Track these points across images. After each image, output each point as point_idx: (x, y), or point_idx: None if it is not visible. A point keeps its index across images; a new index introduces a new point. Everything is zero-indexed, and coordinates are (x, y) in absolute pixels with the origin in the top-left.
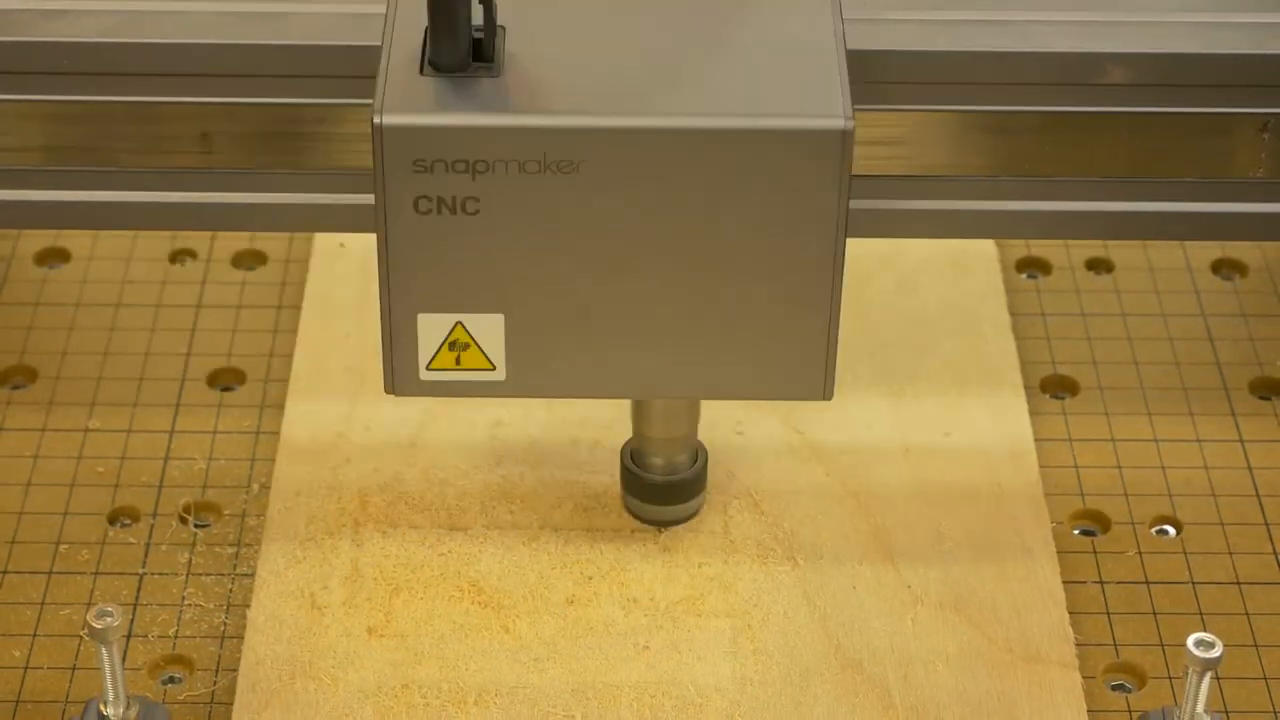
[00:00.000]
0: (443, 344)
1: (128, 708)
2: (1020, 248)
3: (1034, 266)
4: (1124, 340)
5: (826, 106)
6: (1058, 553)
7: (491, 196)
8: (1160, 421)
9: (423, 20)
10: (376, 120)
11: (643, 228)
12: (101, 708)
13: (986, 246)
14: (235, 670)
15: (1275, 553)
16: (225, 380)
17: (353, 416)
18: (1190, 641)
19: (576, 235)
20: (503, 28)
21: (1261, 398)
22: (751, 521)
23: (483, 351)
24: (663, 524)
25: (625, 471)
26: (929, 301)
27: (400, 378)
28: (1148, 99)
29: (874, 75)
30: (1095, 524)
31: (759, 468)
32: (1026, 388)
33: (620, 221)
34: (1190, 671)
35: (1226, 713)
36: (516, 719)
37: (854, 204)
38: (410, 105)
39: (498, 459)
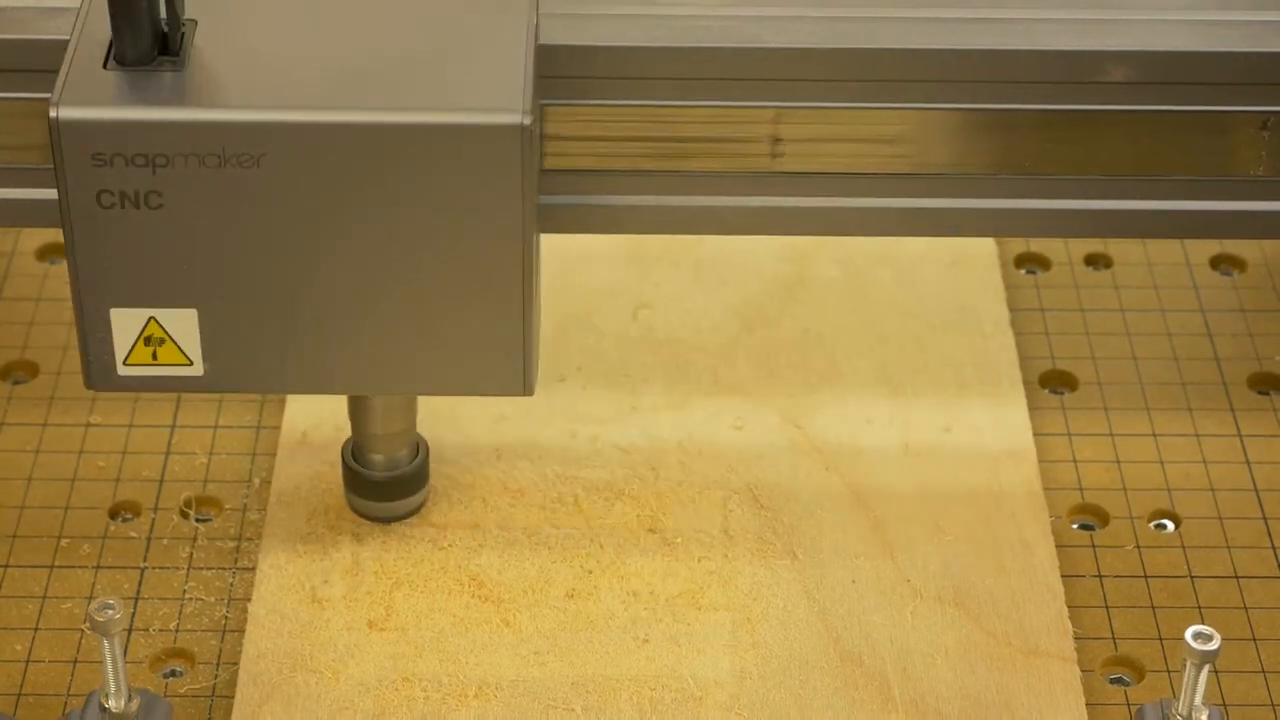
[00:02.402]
0: (138, 339)
1: (129, 700)
2: (1019, 244)
3: (1033, 262)
4: (1123, 336)
5: (507, 101)
6: (1057, 547)
7: (173, 190)
8: (1159, 416)
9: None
10: (53, 114)
11: (329, 222)
12: (103, 700)
13: (985, 243)
14: (236, 664)
15: (1273, 547)
16: None
17: None
18: (1188, 634)
19: (262, 229)
20: (194, 22)
21: (1260, 393)
22: (751, 516)
23: (179, 347)
24: (387, 520)
25: (346, 469)
26: (928, 297)
27: (97, 373)
28: (1147, 97)
29: (874, 74)
30: (1094, 518)
31: (758, 462)
32: (1025, 383)
33: (305, 216)
34: (1188, 664)
35: (1225, 706)
36: (517, 712)
37: (855, 201)
38: (88, 98)
39: (498, 453)
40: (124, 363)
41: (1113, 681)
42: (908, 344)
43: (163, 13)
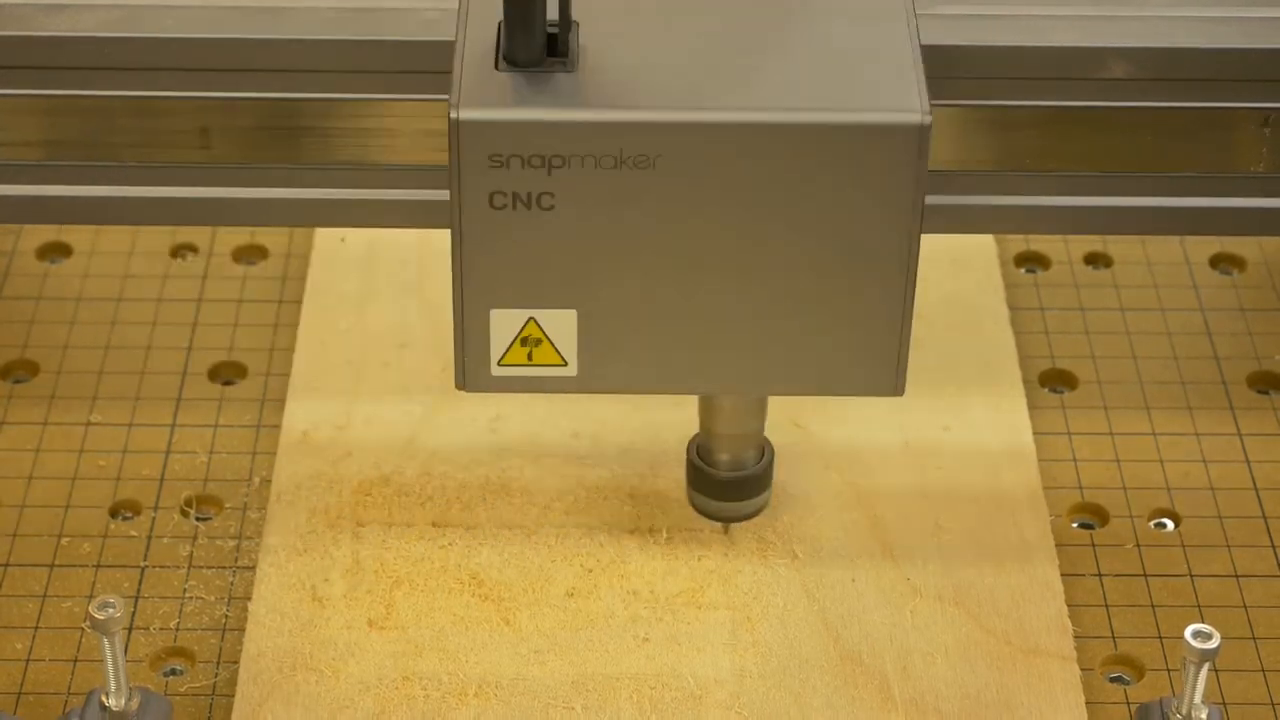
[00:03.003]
0: (515, 339)
1: (129, 699)
2: (1019, 242)
3: (1033, 261)
4: (1122, 335)
5: (903, 101)
6: (1056, 546)
7: (567, 192)
8: (1158, 415)
9: (497, 15)
10: (454, 115)
11: (717, 223)
12: (103, 699)
13: (985, 241)
14: (236, 662)
15: (1273, 546)
16: (226, 374)
17: (353, 410)
18: (1188, 633)
19: (651, 231)
20: (577, 23)
21: (1260, 392)
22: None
23: (555, 347)
24: (728, 520)
25: (691, 467)
26: (928, 296)
27: (472, 374)
28: (1149, 93)
29: None
30: (1094, 517)
31: None
32: (1025, 382)
33: (695, 217)
34: (1188, 663)
35: (1224, 704)
36: (517, 711)
37: None
38: (487, 100)
39: (498, 452)
40: (499, 363)
41: (1112, 680)
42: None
43: (551, 14)
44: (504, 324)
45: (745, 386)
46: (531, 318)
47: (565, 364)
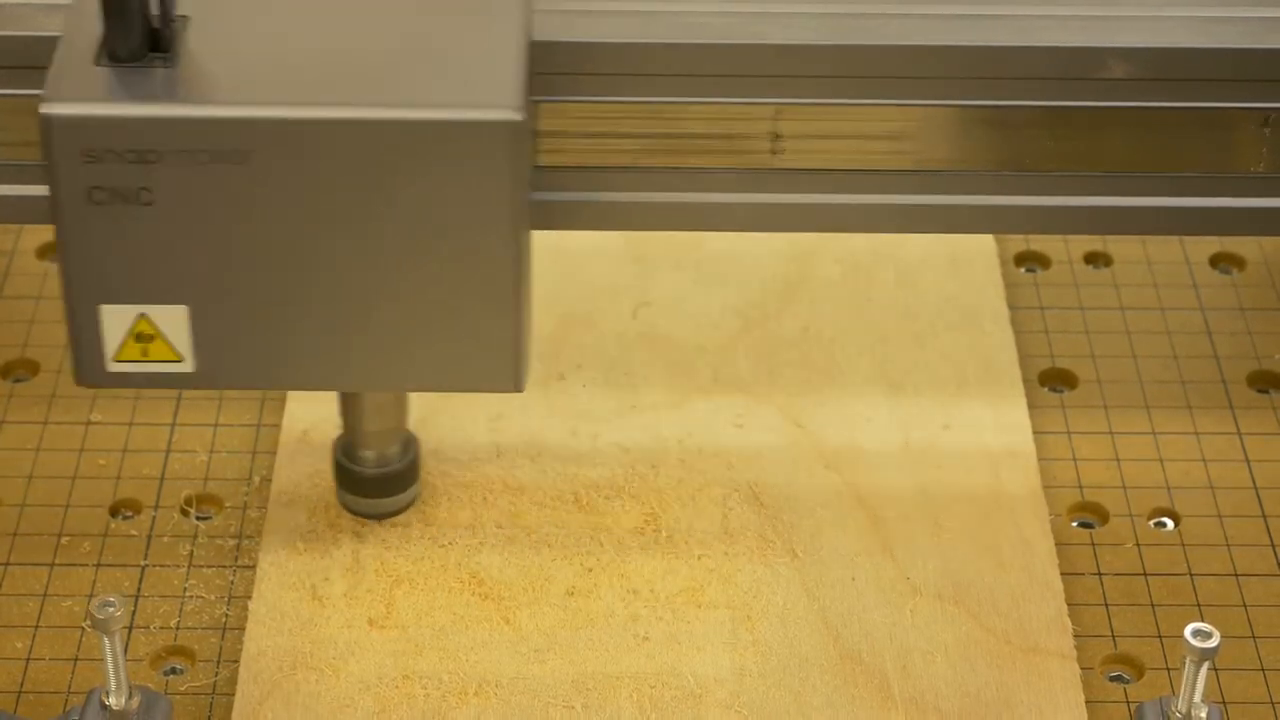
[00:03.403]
0: (128, 335)
1: (130, 698)
2: (1019, 242)
3: (1032, 260)
4: (1122, 334)
5: (499, 97)
6: (1056, 545)
7: (164, 187)
8: (1158, 415)
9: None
10: (44, 110)
11: (320, 218)
12: (103, 698)
13: (985, 241)
14: (237, 661)
15: (1273, 545)
16: None
17: None
18: (1188, 631)
19: (253, 226)
20: (185, 18)
21: (1259, 391)
22: (751, 513)
23: (169, 343)
24: (377, 517)
25: (337, 466)
26: (928, 295)
27: (86, 369)
28: (1148, 93)
29: (874, 70)
30: (1093, 516)
31: (758, 460)
32: (1025, 381)
33: (296, 212)
34: (1188, 661)
35: (1224, 703)
36: (517, 710)
37: (855, 198)
38: (79, 94)
39: (498, 451)
40: (114, 359)
41: (1112, 679)
42: (907, 342)
43: (154, 9)
44: (114, 320)
45: (370, 384)
46: (142, 314)
47: (181, 360)
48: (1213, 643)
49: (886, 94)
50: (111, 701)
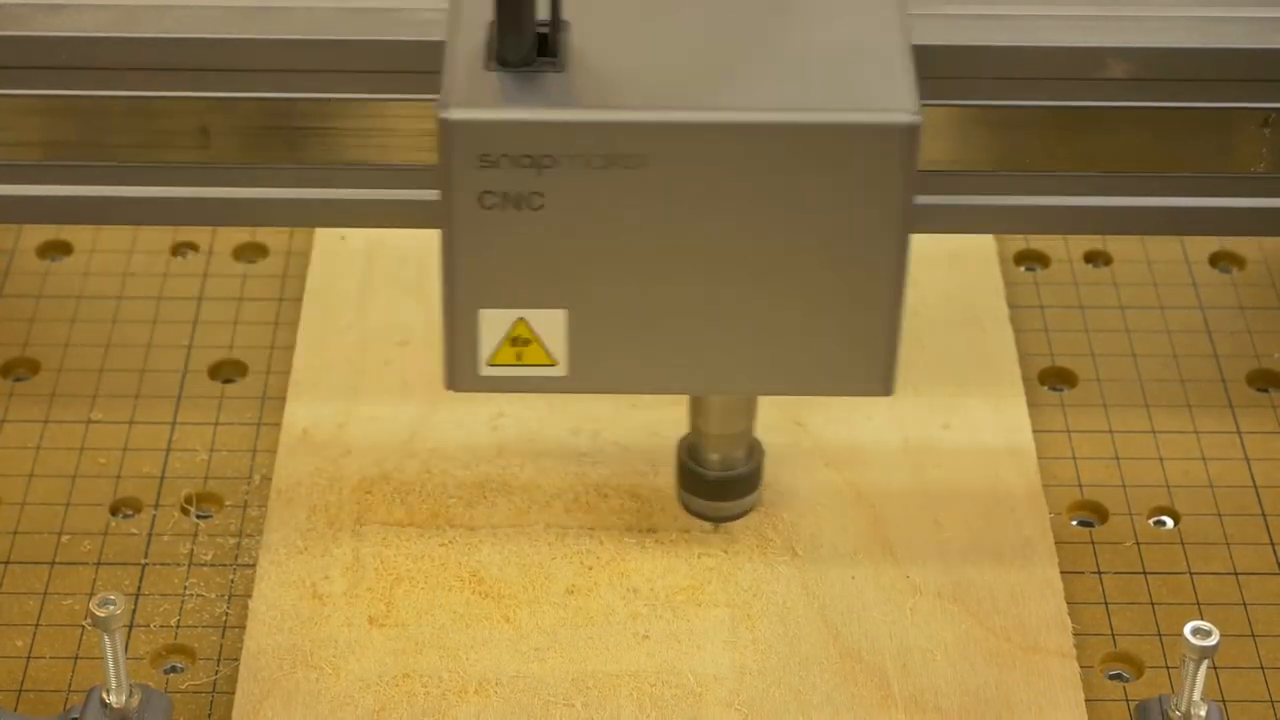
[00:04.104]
0: (504, 339)
1: (130, 696)
2: (1018, 241)
3: (1032, 259)
4: (1122, 333)
5: (892, 100)
6: (1056, 543)
7: (556, 192)
8: (1158, 413)
9: (488, 15)
10: (444, 115)
11: (708, 223)
12: (104, 696)
13: (985, 240)
14: (237, 660)
15: (1272, 544)
16: (227, 372)
17: (354, 408)
18: (1187, 630)
19: (641, 231)
20: (568, 23)
21: (1259, 390)
22: (750, 512)
23: (544, 347)
24: (718, 520)
25: (682, 467)
26: (928, 294)
27: (459, 373)
28: (1149, 93)
29: None
30: (1093, 515)
31: None
32: (1025, 380)
33: (685, 217)
34: (1187, 660)
35: (1224, 702)
36: (517, 708)
37: None
38: (477, 100)
39: (498, 450)
40: (488, 363)
41: (1112, 677)
42: (907, 341)
43: (542, 14)
44: (493, 324)
45: (736, 387)
46: (521, 318)
47: (555, 364)
48: (1212, 641)
49: None
50: (112, 700)
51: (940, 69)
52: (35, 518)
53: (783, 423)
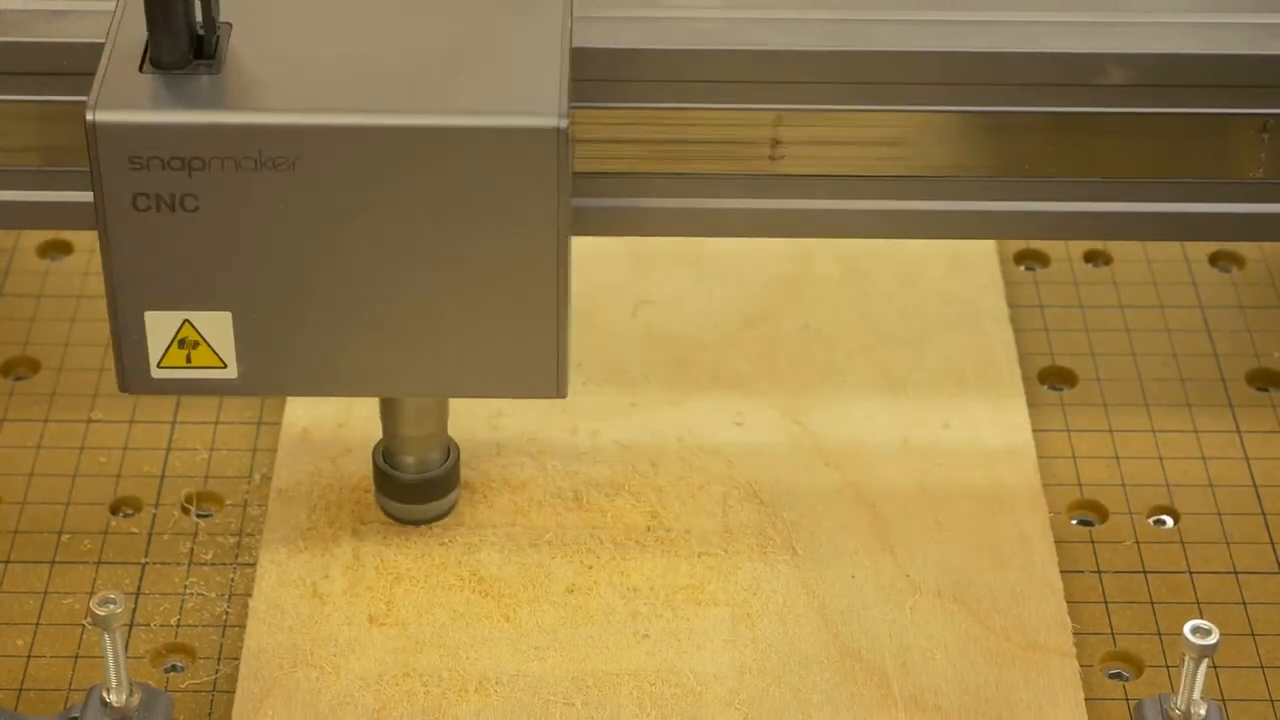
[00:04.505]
0: (172, 342)
1: (130, 694)
2: (1019, 241)
3: (1032, 259)
4: (1122, 332)
5: (543, 105)
6: (1055, 543)
7: (209, 194)
8: (1158, 412)
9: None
10: (90, 117)
11: (365, 225)
12: (104, 695)
13: (985, 240)
14: (237, 659)
15: (1272, 543)
16: None
17: (354, 407)
18: (1187, 629)
19: (298, 232)
20: (228, 25)
21: (1259, 389)
22: (751, 511)
23: (213, 349)
24: (418, 523)
25: (377, 472)
26: (928, 294)
27: (131, 376)
28: (1147, 99)
29: (873, 76)
30: (1093, 514)
31: (758, 458)
32: (1025, 379)
33: (341, 218)
34: (1187, 659)
35: (1223, 700)
36: (517, 707)
37: (854, 204)
38: (125, 102)
39: (498, 449)
40: (158, 365)
41: (1111, 676)
42: (907, 340)
43: (198, 16)
44: (159, 326)
45: (410, 389)
46: (186, 320)
47: (225, 366)
48: (1212, 640)
49: (885, 100)
50: (112, 699)
51: (940, 74)
52: (35, 517)
53: (782, 422)
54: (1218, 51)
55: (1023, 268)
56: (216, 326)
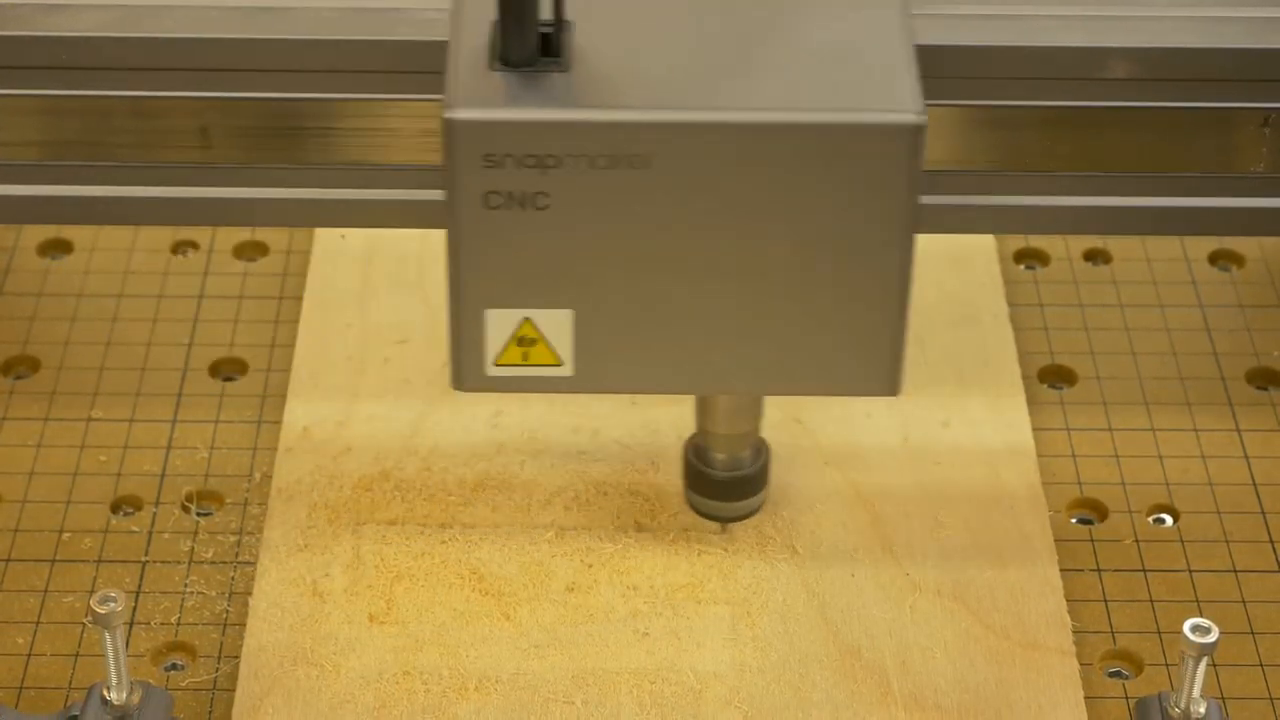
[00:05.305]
0: (510, 339)
1: (130, 693)
2: (1018, 239)
3: (1032, 258)
4: (1121, 331)
5: (897, 101)
6: (1055, 541)
7: (561, 192)
8: (1157, 411)
9: (491, 15)
10: (448, 115)
11: (713, 223)
12: (105, 693)
13: (984, 238)
14: (237, 657)
15: (1271, 542)
16: (227, 370)
17: (354, 406)
18: (1186, 627)
19: (646, 231)
20: (571, 22)
21: (1258, 388)
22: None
23: (550, 347)
24: (725, 520)
25: (689, 468)
26: (928, 292)
27: (466, 373)
28: (1149, 94)
29: None
30: (1093, 513)
31: None
32: (1025, 378)
33: (690, 217)
34: (1186, 657)
35: (1223, 699)
36: (517, 705)
37: None
38: (481, 100)
39: (498, 447)
40: (494, 363)
41: (1111, 675)
42: (907, 339)
43: (545, 14)
44: (499, 324)
45: (742, 387)
46: (527, 318)
47: (561, 364)
48: (1211, 638)
49: None
50: (112, 697)
51: (944, 69)
52: (36, 515)
53: (782, 421)
54: (1219, 45)
55: (1022, 266)
56: (557, 324)
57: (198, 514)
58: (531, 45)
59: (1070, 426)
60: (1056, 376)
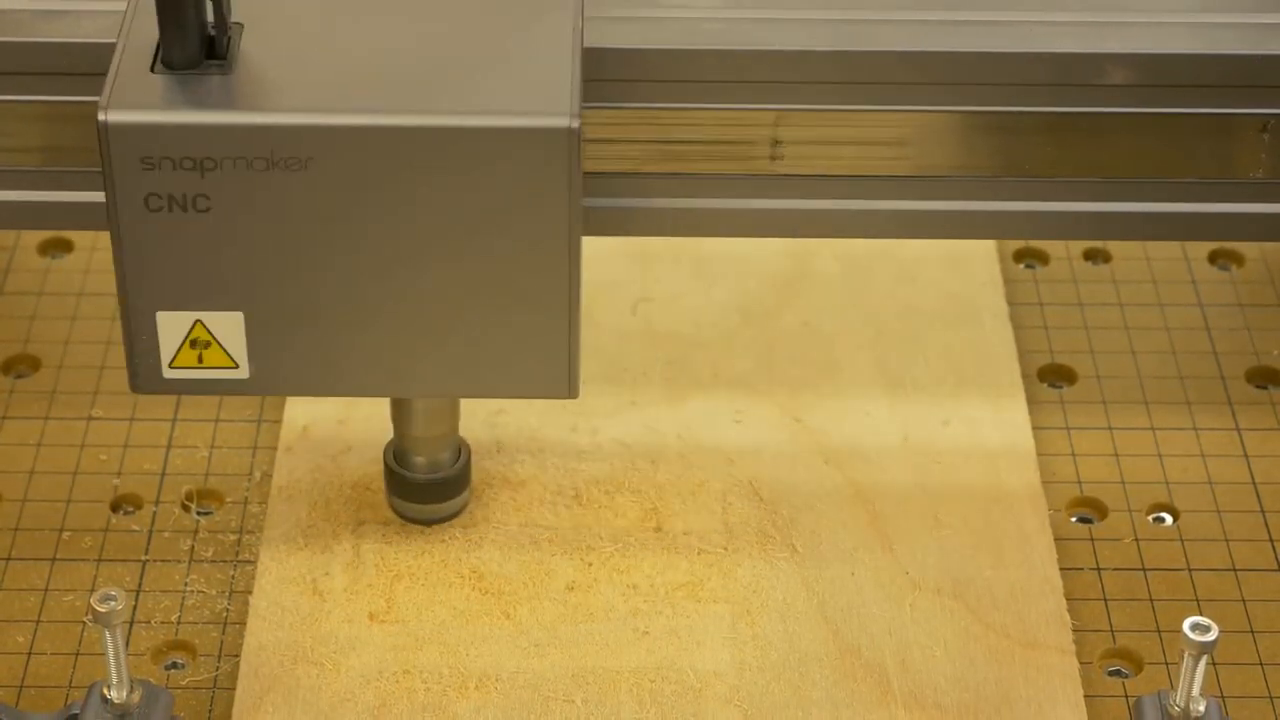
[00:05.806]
0: (184, 342)
1: (131, 692)
2: (1018, 239)
3: (1032, 257)
4: (1121, 330)
5: (554, 105)
6: (1055, 540)
7: (221, 194)
8: (1157, 410)
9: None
10: (102, 117)
11: (377, 225)
12: (105, 692)
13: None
14: (237, 656)
15: (1271, 540)
16: None
17: (354, 405)
18: (1186, 625)
19: (310, 232)
20: (240, 25)
21: (1258, 387)
22: (750, 508)
23: (224, 349)
24: (428, 522)
25: (388, 471)
26: (928, 292)
27: (143, 376)
28: (1148, 100)
29: (874, 76)
30: (1092, 511)
31: (758, 455)
32: (1024, 377)
33: (353, 219)
34: (1186, 656)
35: (1222, 697)
36: (517, 704)
37: (855, 204)
38: (136, 102)
39: (498, 446)
40: (169, 365)
41: (1111, 674)
42: (907, 338)
43: (210, 16)
44: (171, 326)
45: (423, 389)
46: (198, 320)
47: (236, 366)
48: (1211, 637)
49: (886, 100)
50: (113, 695)
51: (941, 74)
52: (36, 514)
53: (782, 420)
54: (1218, 51)
55: (1022, 266)
56: (228, 327)
57: (198, 513)
58: (194, 48)
59: (1070, 425)
60: (1056, 375)
